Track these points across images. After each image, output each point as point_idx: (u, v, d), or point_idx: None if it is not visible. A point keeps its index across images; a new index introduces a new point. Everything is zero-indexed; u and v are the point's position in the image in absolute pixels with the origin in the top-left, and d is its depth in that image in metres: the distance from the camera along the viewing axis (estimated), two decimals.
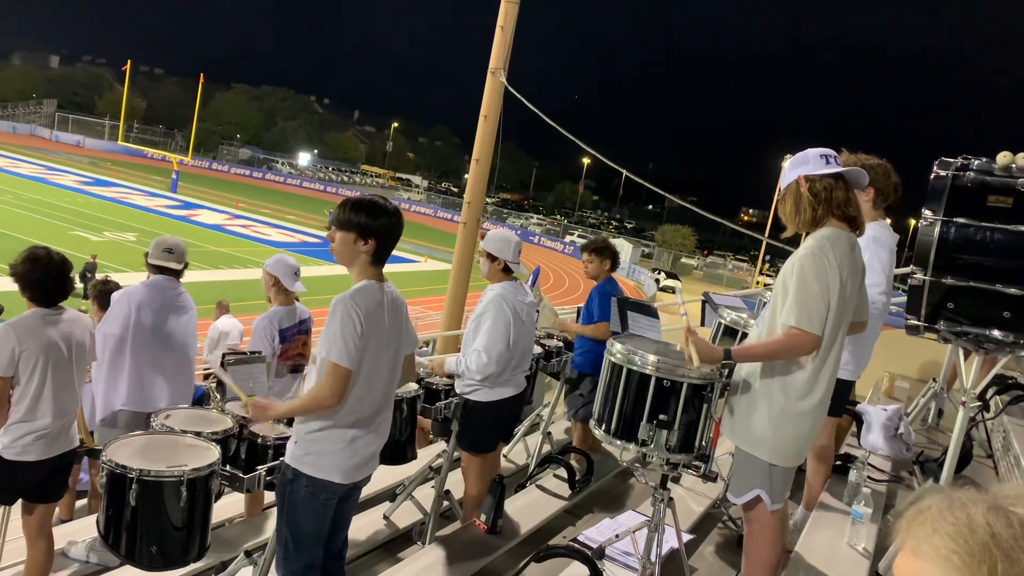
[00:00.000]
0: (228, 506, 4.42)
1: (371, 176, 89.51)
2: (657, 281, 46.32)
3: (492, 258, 4.31)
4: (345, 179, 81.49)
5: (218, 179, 63.15)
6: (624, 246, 54.97)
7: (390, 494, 4.80)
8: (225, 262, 28.62)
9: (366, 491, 3.41)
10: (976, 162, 3.39)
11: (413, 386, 4.33)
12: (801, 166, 2.99)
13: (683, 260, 62.37)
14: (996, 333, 3.22)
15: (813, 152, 3.00)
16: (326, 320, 2.83)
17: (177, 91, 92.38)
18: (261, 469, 3.37)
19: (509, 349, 4.20)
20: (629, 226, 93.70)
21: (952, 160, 3.41)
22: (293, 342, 4.73)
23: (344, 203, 2.94)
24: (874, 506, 3.66)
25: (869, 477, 4.22)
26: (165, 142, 76.13)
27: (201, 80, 52.33)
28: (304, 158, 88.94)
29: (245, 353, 4.03)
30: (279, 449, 3.45)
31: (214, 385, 4.98)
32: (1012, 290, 3.11)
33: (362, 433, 2.95)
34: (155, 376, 4.24)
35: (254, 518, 4.40)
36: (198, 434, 3.27)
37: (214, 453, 3.08)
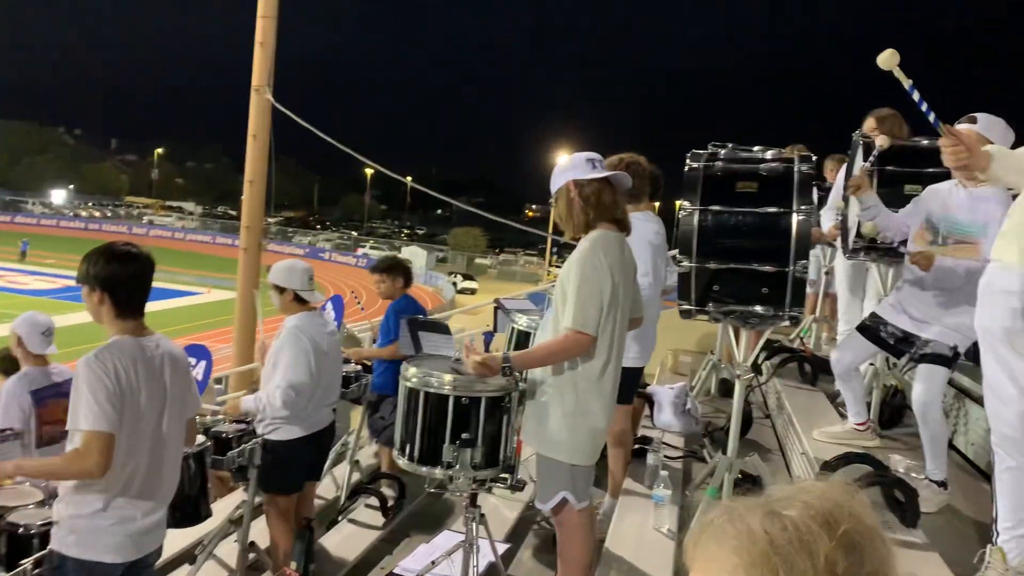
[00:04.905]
0: None
1: (137, 208, 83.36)
2: (454, 284, 46.83)
3: (281, 290, 4.22)
4: (108, 214, 75.36)
5: None
6: (418, 253, 55.16)
7: (190, 556, 4.45)
8: None
9: (160, 559, 3.15)
10: (723, 151, 3.64)
11: (200, 438, 4.02)
12: (570, 171, 3.10)
13: (477, 261, 63.68)
14: (758, 308, 3.46)
15: (580, 156, 3.13)
16: (73, 385, 2.59)
17: None
18: (26, 563, 2.98)
19: (312, 378, 4.07)
20: (420, 232, 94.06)
21: (702, 151, 3.63)
22: (49, 406, 4.25)
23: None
24: (673, 486, 3.86)
25: (666, 456, 4.44)
26: None
27: None
28: (59, 195, 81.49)
29: None
30: (45, 537, 3.06)
31: None
32: (767, 268, 3.36)
33: (133, 504, 2.72)
34: None
35: None
36: None
37: None
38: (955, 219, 3.55)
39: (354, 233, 76.27)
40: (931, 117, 2.52)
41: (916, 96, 2.50)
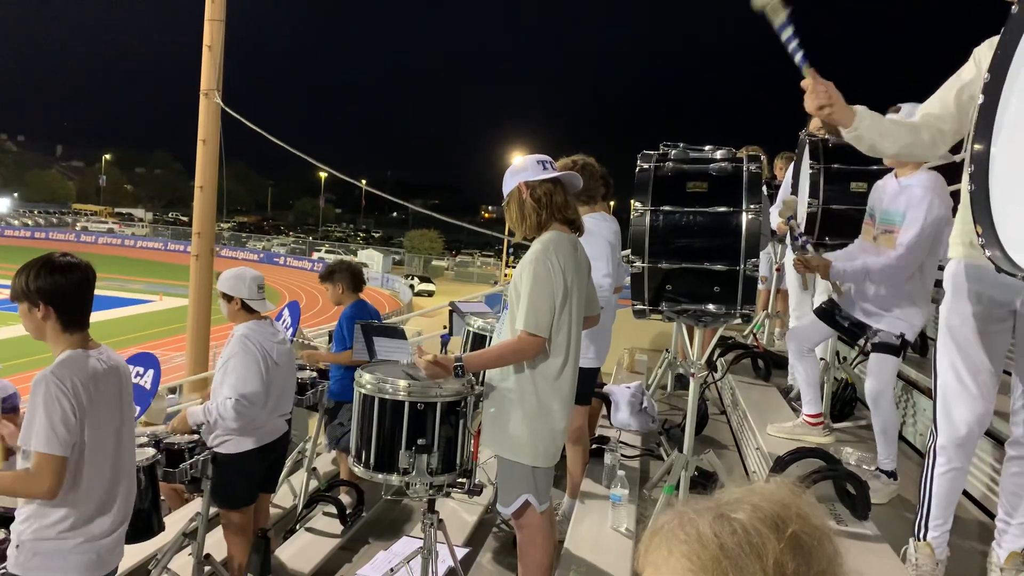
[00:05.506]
0: None
1: (85, 215, 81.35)
2: (412, 287, 46.57)
3: (228, 298, 4.18)
4: (55, 221, 73.57)
5: None
6: (374, 256, 54.82)
7: (143, 572, 4.34)
8: None
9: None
10: (673, 151, 3.67)
11: (150, 450, 3.93)
12: (521, 173, 3.11)
13: (434, 263, 63.54)
14: (711, 307, 3.49)
15: (530, 159, 3.15)
16: (28, 402, 2.50)
17: None
18: None
19: (264, 388, 4.02)
20: (376, 236, 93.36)
21: (652, 152, 3.65)
22: None
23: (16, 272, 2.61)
24: (630, 485, 3.87)
25: (623, 455, 4.46)
26: None
27: None
28: (2, 204, 79.36)
29: None
30: None
31: None
32: (718, 266, 3.39)
33: (99, 521, 2.66)
34: None
35: None
36: None
37: None
38: (885, 208, 3.69)
39: (309, 238, 75.36)
40: (797, 57, 2.39)
41: (786, 35, 2.34)
